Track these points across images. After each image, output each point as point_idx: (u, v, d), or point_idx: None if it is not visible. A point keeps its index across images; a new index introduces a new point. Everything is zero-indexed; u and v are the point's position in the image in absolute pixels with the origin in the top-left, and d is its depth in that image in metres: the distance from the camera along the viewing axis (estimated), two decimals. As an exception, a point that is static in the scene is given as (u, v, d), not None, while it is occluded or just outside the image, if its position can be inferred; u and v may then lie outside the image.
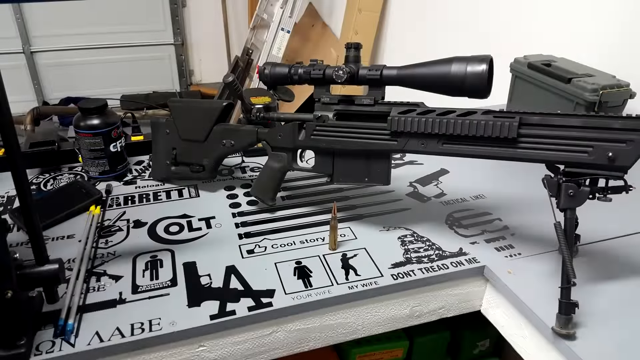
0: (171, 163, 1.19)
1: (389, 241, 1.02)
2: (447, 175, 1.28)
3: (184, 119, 1.16)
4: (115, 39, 4.18)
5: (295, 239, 1.03)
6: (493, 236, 1.03)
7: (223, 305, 0.85)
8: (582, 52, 1.52)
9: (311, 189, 1.23)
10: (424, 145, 0.90)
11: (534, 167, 0.85)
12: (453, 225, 1.07)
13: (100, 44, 4.15)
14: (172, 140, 1.18)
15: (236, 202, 1.16)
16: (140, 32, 4.24)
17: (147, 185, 1.23)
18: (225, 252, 0.98)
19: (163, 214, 1.11)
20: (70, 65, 4.14)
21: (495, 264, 0.95)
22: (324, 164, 1.03)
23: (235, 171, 1.31)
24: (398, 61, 1.21)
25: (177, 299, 0.86)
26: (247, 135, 1.11)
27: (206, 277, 0.91)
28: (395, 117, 0.91)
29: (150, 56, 4.34)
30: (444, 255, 0.98)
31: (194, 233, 1.05)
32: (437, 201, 1.17)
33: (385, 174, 0.99)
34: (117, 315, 0.83)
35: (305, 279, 0.91)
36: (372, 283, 0.90)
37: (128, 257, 0.97)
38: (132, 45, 4.24)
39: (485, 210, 1.13)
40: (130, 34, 4.21)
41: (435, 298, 0.96)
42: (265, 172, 1.10)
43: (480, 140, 0.85)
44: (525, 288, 0.89)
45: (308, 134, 1.02)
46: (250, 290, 0.88)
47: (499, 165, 0.92)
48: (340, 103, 0.99)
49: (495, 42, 2.01)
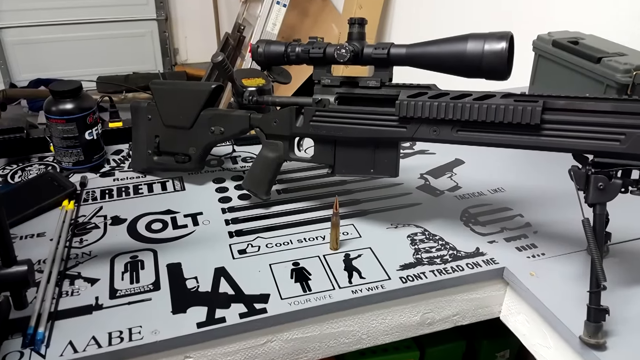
0: (153, 152, 1.19)
1: (397, 240, 1.02)
2: (463, 166, 1.28)
3: (168, 103, 1.16)
4: (91, 14, 4.17)
5: (292, 237, 1.03)
6: (514, 234, 1.03)
7: (211, 312, 0.85)
8: (612, 28, 1.52)
9: (310, 181, 1.22)
10: (437, 132, 0.90)
11: (560, 157, 0.85)
12: (469, 222, 1.07)
13: (74, 19, 4.15)
14: (155, 127, 1.18)
15: (226, 197, 1.16)
16: (118, 5, 4.23)
17: (126, 178, 1.23)
18: (214, 252, 0.98)
19: (144, 209, 1.11)
20: (40, 43, 4.14)
21: (516, 266, 0.95)
22: (324, 154, 1.03)
23: (225, 161, 1.31)
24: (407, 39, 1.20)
25: (160, 305, 0.86)
26: (239, 122, 1.11)
27: (193, 280, 0.91)
28: (404, 101, 0.91)
29: (130, 33, 4.34)
30: (459, 256, 0.98)
31: (179, 231, 1.04)
32: (451, 195, 1.17)
33: (393, 165, 0.99)
34: (93, 322, 0.83)
35: (303, 283, 0.91)
36: (379, 287, 0.90)
37: (105, 258, 0.97)
38: (110, 20, 4.24)
39: (504, 205, 1.13)
40: (108, 8, 4.20)
41: (449, 304, 0.96)
42: (259, 162, 1.10)
43: (499, 127, 0.85)
44: (550, 292, 0.89)
45: (307, 120, 1.02)
46: (242, 294, 0.88)
47: (520, 155, 0.92)
48: (343, 85, 0.99)
49: (517, 18, 2.00)
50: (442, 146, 0.99)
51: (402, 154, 1.32)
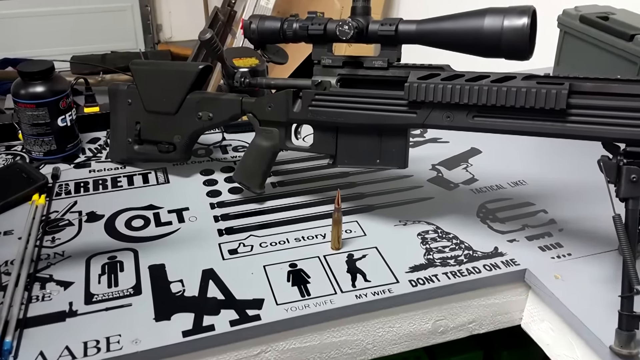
0: (134, 141, 1.19)
1: (407, 239, 1.02)
2: (479, 157, 1.28)
3: (150, 86, 1.16)
4: (64, -14, 4.16)
5: (289, 235, 1.03)
6: (536, 232, 1.03)
7: (199, 319, 0.85)
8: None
9: (309, 173, 1.22)
10: (450, 118, 0.90)
11: (588, 146, 0.85)
12: (486, 219, 1.07)
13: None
14: (135, 113, 1.18)
15: (215, 190, 1.16)
16: (95, -24, 4.23)
17: (104, 169, 1.23)
18: (202, 253, 0.98)
19: (124, 204, 1.11)
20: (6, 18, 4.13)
21: (540, 267, 0.95)
22: (325, 143, 1.03)
23: (214, 151, 1.31)
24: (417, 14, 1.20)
25: (141, 311, 0.86)
26: (229, 107, 1.10)
27: (178, 284, 0.91)
28: (414, 84, 0.91)
29: (107, 7, 4.33)
30: (475, 256, 0.98)
31: (163, 228, 1.04)
32: (466, 188, 1.17)
33: (401, 155, 0.98)
34: (66, 331, 0.83)
35: (301, 286, 0.91)
36: (385, 291, 0.90)
37: (80, 259, 0.96)
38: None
39: (526, 199, 1.13)
40: (83, -22, 4.19)
41: (465, 310, 0.96)
42: (252, 152, 1.10)
43: (520, 113, 0.85)
44: (577, 297, 0.89)
45: (305, 104, 1.02)
46: (233, 300, 0.88)
47: (544, 144, 0.92)
48: (346, 66, 0.99)
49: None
50: (456, 134, 0.98)
51: (411, 142, 1.32)
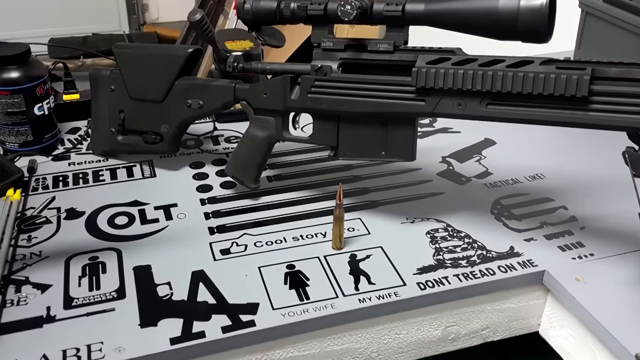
0: (117, 131, 1.19)
1: (414, 237, 1.02)
2: (494, 148, 1.28)
3: (135, 71, 1.16)
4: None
5: (286, 234, 1.03)
6: (556, 230, 1.03)
7: (188, 325, 0.84)
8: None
9: (308, 166, 1.22)
10: (462, 106, 0.90)
11: (611, 137, 0.84)
12: (501, 216, 1.07)
13: (20, -32, 4.13)
14: (119, 100, 1.18)
15: (206, 185, 1.16)
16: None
17: (84, 162, 1.23)
18: (192, 253, 0.98)
19: (106, 200, 1.11)
20: (-21, -3, 4.12)
21: (559, 269, 0.95)
22: (325, 133, 1.03)
23: (204, 142, 1.31)
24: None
25: (125, 316, 0.86)
26: (221, 93, 1.10)
27: (165, 287, 0.91)
28: (422, 69, 0.90)
29: (88, -15, 4.32)
30: (489, 257, 0.98)
31: (149, 226, 1.04)
32: (479, 183, 1.17)
33: (408, 146, 0.98)
34: (43, 338, 0.83)
35: (299, 289, 0.91)
36: (391, 294, 0.90)
37: (59, 260, 0.96)
38: (64, -31, 4.22)
39: (544, 195, 1.13)
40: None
41: (477, 315, 0.96)
42: (246, 143, 1.10)
43: (538, 100, 0.84)
44: (600, 301, 0.89)
45: (304, 91, 1.01)
46: (225, 304, 0.88)
47: (564, 135, 0.92)
48: (348, 49, 0.99)
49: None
50: (468, 123, 0.98)
51: (420, 132, 1.32)
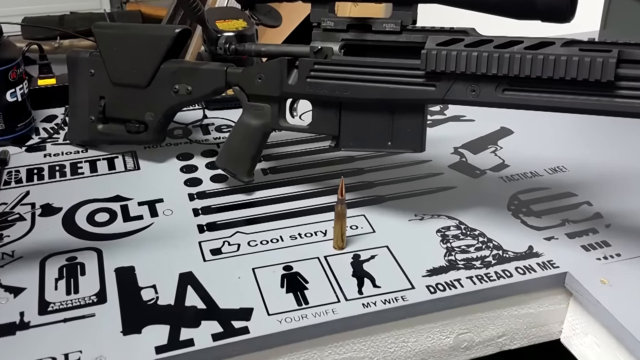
0: (98, 119, 1.19)
1: (424, 236, 1.02)
2: (511, 138, 1.28)
3: (117, 54, 1.16)
4: None
5: (283, 232, 1.03)
6: (579, 228, 1.03)
7: (175, 332, 0.84)
8: None
9: (307, 158, 1.23)
10: (476, 92, 0.90)
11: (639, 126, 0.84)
12: (519, 213, 1.07)
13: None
14: (99, 85, 1.18)
15: (195, 178, 1.16)
16: None
17: (61, 153, 1.23)
18: (179, 253, 0.98)
19: (85, 195, 1.11)
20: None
21: (583, 270, 0.95)
22: (326, 121, 1.03)
23: (193, 131, 1.31)
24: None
25: (106, 323, 0.86)
26: (211, 78, 1.10)
27: (150, 290, 0.91)
28: (432, 51, 0.90)
29: (65, -41, 4.31)
30: (506, 257, 0.97)
31: (132, 224, 1.04)
32: (495, 176, 1.17)
33: (417, 136, 0.98)
34: (16, 346, 0.82)
35: (298, 293, 0.91)
36: (398, 299, 0.90)
37: (33, 260, 0.96)
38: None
39: (566, 189, 1.13)
40: None
41: (493, 321, 0.96)
42: (239, 132, 1.10)
43: (560, 85, 0.84)
44: (628, 306, 0.89)
45: (302, 75, 1.01)
46: (216, 309, 0.88)
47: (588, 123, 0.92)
48: (351, 30, 0.98)
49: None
50: (483, 111, 0.98)
51: (429, 121, 1.32)
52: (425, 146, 0.99)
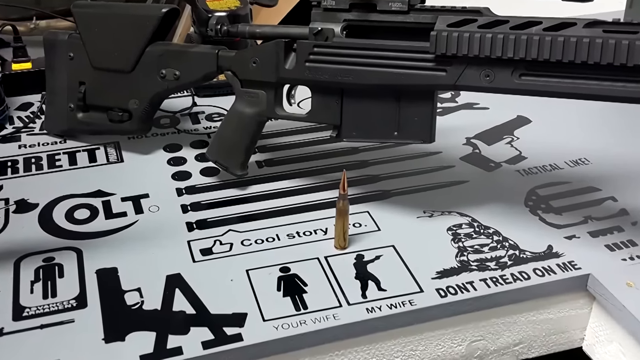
0: (77, 107, 1.19)
1: (433, 235, 1.02)
2: (528, 127, 1.28)
3: (98, 36, 1.16)
4: None
5: (279, 231, 1.03)
6: (603, 226, 1.03)
7: (162, 339, 0.84)
8: None
9: (305, 149, 1.23)
10: (490, 77, 0.90)
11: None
12: (538, 209, 1.07)
13: None
14: (79, 70, 1.18)
15: (184, 171, 1.16)
16: None
17: (38, 144, 1.23)
18: (166, 253, 0.98)
19: (64, 190, 1.11)
20: None
21: (607, 272, 0.94)
22: (326, 109, 1.03)
23: (181, 120, 1.31)
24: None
25: (86, 329, 0.86)
26: (202, 62, 1.10)
27: (134, 294, 0.91)
28: (442, 32, 0.90)
29: None
30: (523, 258, 0.97)
31: (115, 221, 1.04)
32: (511, 169, 1.17)
33: (426, 126, 0.98)
34: (-11, 355, 0.83)
35: (296, 297, 0.91)
36: (406, 303, 0.90)
37: (7, 261, 0.96)
38: None
39: (589, 183, 1.13)
40: None
41: (509, 327, 0.96)
42: (231, 122, 1.10)
43: (582, 70, 0.84)
44: (655, 311, 0.89)
45: (301, 59, 1.01)
46: (207, 314, 0.88)
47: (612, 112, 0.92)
48: (354, 9, 0.98)
49: None
50: (498, 98, 0.98)
51: (439, 109, 1.32)
52: (435, 136, 0.99)
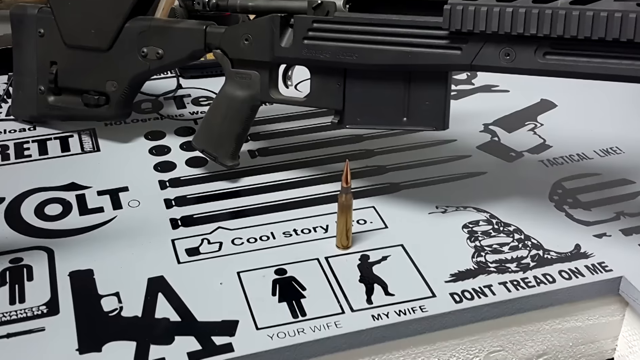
0: (48, 90, 1.19)
1: (447, 233, 1.02)
2: (553, 113, 1.29)
3: (72, 10, 1.16)
4: None
5: (274, 228, 1.03)
6: (637, 223, 1.03)
7: (143, 350, 0.84)
8: None
9: (304, 137, 1.23)
10: (511, 57, 0.89)
11: None
12: (564, 204, 1.07)
13: None
14: (50, 49, 1.18)
15: (167, 162, 1.16)
16: None
17: (4, 131, 1.24)
18: (148, 253, 0.98)
19: (33, 182, 1.11)
20: None
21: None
22: (327, 92, 1.03)
23: (165, 105, 1.31)
24: None
25: (59, 339, 0.85)
26: (187, 39, 1.10)
27: (112, 299, 0.91)
28: (457, 6, 0.90)
29: None
30: (548, 259, 0.97)
31: (90, 218, 1.05)
32: (534, 159, 1.17)
33: (439, 111, 0.98)
34: (-50, 367, 0.83)
35: (293, 302, 0.91)
36: (416, 309, 0.90)
37: (-30, 263, 0.96)
38: None
39: (621, 175, 1.13)
40: None
41: (532, 336, 0.96)
42: (221, 106, 1.10)
43: (613, 48, 0.84)
44: (695, 318, 0.89)
45: (299, 36, 1.01)
46: (194, 322, 0.88)
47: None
48: (358, -21, 0.98)
49: None
50: (519, 80, 0.98)
51: (454, 92, 1.32)
52: (449, 123, 0.99)
